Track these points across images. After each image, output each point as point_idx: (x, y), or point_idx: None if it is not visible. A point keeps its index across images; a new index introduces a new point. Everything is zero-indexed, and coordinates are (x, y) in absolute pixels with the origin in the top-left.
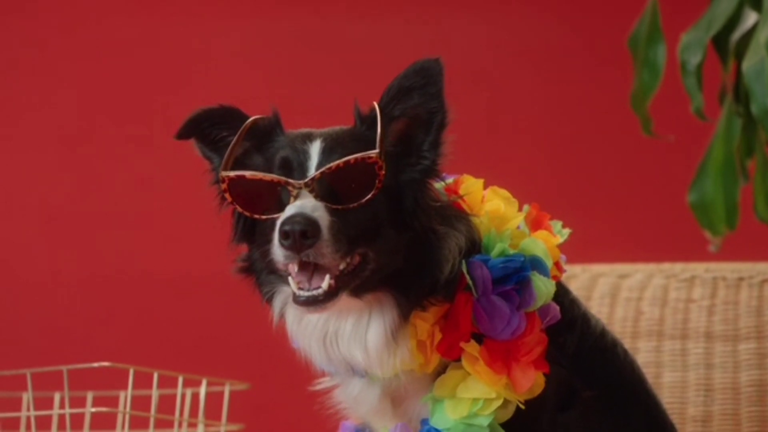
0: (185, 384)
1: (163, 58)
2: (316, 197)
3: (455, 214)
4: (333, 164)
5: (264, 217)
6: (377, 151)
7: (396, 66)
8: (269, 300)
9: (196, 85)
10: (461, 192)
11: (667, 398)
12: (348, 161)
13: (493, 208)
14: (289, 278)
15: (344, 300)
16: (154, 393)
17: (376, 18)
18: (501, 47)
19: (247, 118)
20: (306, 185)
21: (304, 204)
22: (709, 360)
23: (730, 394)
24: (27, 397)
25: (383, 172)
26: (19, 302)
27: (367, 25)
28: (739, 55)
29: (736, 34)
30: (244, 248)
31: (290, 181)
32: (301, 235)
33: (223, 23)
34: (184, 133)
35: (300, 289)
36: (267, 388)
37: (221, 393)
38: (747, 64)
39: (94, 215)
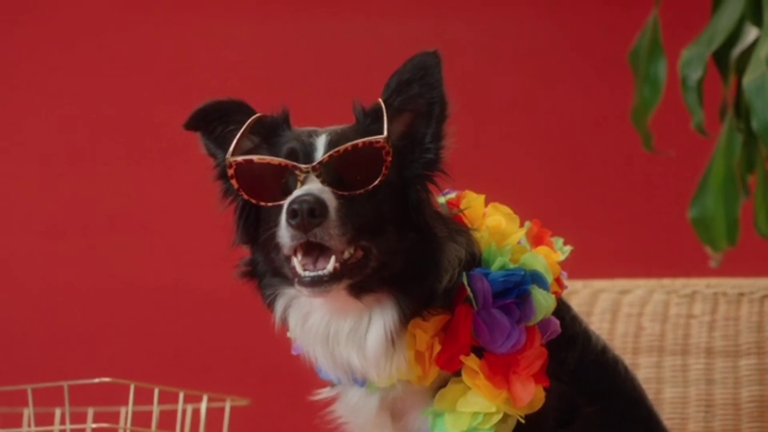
0: (186, 400)
1: (167, 69)
2: (323, 182)
3: (456, 228)
4: (341, 147)
5: (270, 204)
6: (385, 135)
7: (394, 65)
8: (271, 303)
9: (199, 97)
10: (462, 207)
11: (667, 414)
12: (356, 145)
13: (494, 223)
14: (294, 260)
15: (345, 300)
16: (155, 409)
17: (374, 18)
18: (503, 57)
19: (255, 113)
20: (314, 169)
21: (311, 188)
22: (709, 376)
23: (731, 410)
24: (28, 412)
25: (390, 158)
26: (19, 317)
27: (366, 26)
28: (740, 70)
29: (737, 50)
30: (244, 253)
31: (298, 165)
32: (309, 213)
33: (228, 32)
34: (192, 124)
35: (305, 270)
36: (268, 404)
37: (222, 409)
38: (748, 80)
39: (94, 228)
